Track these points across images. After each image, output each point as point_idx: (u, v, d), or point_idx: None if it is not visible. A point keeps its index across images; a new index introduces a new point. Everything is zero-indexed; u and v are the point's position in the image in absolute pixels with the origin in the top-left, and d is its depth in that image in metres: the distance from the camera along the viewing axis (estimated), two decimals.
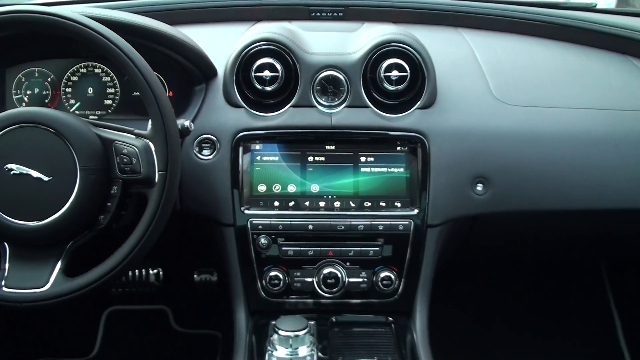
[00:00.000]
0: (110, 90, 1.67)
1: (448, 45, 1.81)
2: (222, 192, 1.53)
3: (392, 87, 1.53)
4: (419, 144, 1.54)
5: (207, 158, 1.53)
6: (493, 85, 1.65)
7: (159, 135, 1.28)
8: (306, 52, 1.55)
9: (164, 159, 1.28)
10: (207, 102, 1.58)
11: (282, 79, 1.53)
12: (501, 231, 1.76)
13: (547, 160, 1.57)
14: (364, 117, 1.54)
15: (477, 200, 1.55)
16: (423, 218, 1.53)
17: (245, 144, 1.54)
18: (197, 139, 1.53)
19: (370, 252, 1.53)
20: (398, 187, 1.54)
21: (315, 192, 1.54)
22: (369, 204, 1.54)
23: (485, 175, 1.55)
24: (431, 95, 1.56)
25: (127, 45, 1.27)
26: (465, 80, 1.66)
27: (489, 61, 1.73)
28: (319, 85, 1.54)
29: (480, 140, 1.56)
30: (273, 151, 1.55)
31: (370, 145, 1.55)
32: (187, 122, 1.41)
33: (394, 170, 1.55)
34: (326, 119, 1.54)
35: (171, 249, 2.09)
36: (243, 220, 1.52)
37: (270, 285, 1.54)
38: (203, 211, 1.55)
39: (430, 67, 1.54)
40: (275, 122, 1.54)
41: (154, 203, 1.27)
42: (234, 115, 1.55)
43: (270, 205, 1.54)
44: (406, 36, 1.56)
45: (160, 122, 1.27)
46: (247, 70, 1.54)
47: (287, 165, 1.54)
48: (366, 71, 1.54)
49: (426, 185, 1.53)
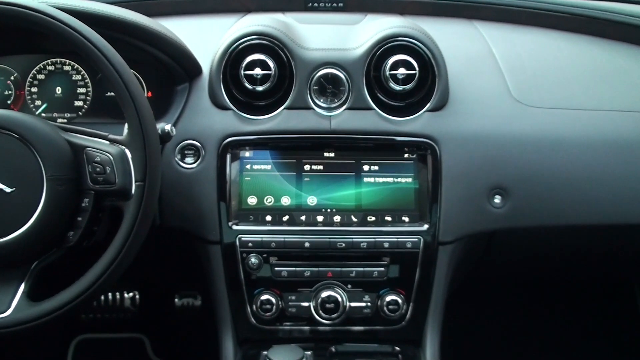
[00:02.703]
0: (81, 91, 1.67)
1: (461, 40, 1.81)
2: (207, 205, 1.53)
3: (398, 86, 1.53)
4: (428, 150, 1.54)
5: (191, 167, 1.53)
6: (512, 85, 1.65)
7: (136, 141, 1.28)
8: (302, 48, 1.56)
9: (141, 168, 1.28)
10: (190, 103, 1.58)
11: (275, 77, 1.53)
12: (522, 248, 1.76)
13: (573, 169, 1.58)
14: (367, 121, 1.54)
15: (494, 214, 1.56)
16: (434, 234, 1.53)
17: (233, 151, 1.54)
18: (179, 145, 1.54)
19: (375, 272, 1.53)
20: (405, 200, 1.55)
21: (313, 205, 1.54)
22: (372, 218, 1.54)
23: (503, 186, 1.55)
24: (442, 96, 1.56)
25: (101, 40, 1.26)
26: (481, 79, 1.66)
27: (508, 57, 1.73)
28: (316, 84, 1.54)
29: (497, 146, 1.56)
30: (265, 159, 1.55)
31: (374, 152, 1.56)
32: (167, 126, 1.41)
33: (401, 181, 1.55)
34: (325, 122, 1.54)
35: (149, 270, 2.09)
36: (231, 236, 1.52)
37: (262, 311, 1.54)
38: (185, 227, 1.55)
39: (441, 65, 1.55)
40: (267, 126, 1.54)
41: (131, 217, 1.27)
42: (221, 118, 1.55)
43: (261, 219, 1.54)
44: (414, 29, 1.56)
45: (138, 126, 1.27)
46: (235, 67, 1.54)
47: (280, 175, 1.54)
48: (369, 69, 1.55)
49: (437, 197, 1.53)
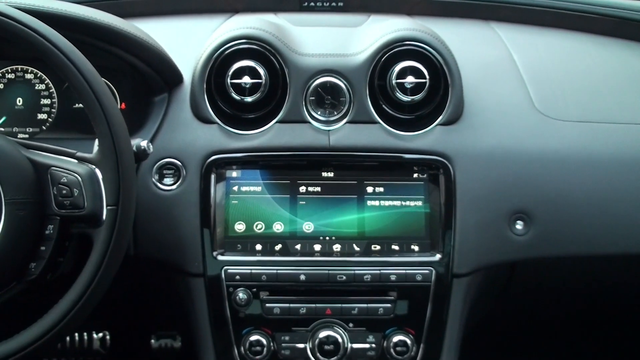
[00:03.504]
0: (45, 102, 1.68)
1: (477, 44, 1.82)
2: (188, 233, 1.52)
3: (406, 97, 1.54)
4: (441, 169, 1.54)
5: (170, 188, 1.53)
6: (535, 95, 1.66)
7: (107, 160, 1.29)
8: (297, 53, 1.56)
9: (114, 190, 1.28)
10: (169, 116, 1.58)
11: (265, 87, 1.54)
12: (548, 281, 1.76)
13: (605, 190, 1.58)
14: (371, 136, 1.55)
15: (516, 242, 1.56)
16: (447, 265, 1.53)
17: (218, 171, 1.54)
18: (156, 164, 1.54)
19: (380, 309, 1.53)
20: (415, 226, 1.54)
21: (309, 233, 1.54)
22: (377, 247, 1.54)
23: (526, 211, 1.55)
24: (456, 107, 1.57)
25: (67, 44, 1.27)
26: (500, 88, 1.67)
27: (530, 64, 1.74)
28: (313, 95, 1.54)
29: (519, 165, 1.56)
30: (254, 179, 1.55)
31: (379, 171, 1.56)
32: (144, 142, 1.41)
33: (410, 204, 1.55)
34: (322, 138, 1.54)
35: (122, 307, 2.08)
36: (215, 268, 1.52)
37: (251, 353, 1.53)
38: (164, 257, 1.54)
39: (454, 72, 1.55)
40: (257, 143, 1.54)
41: (101, 247, 1.27)
42: (204, 133, 1.55)
43: (250, 249, 1.53)
44: (424, 32, 1.57)
45: (110, 142, 1.28)
46: (221, 76, 1.54)
47: (272, 198, 1.54)
48: (373, 77, 1.55)
49: (451, 223, 1.53)
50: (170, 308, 1.79)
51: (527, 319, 2.21)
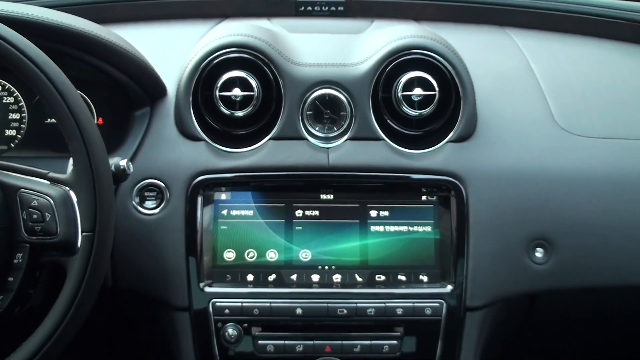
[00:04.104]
0: (14, 117, 1.67)
1: (492, 52, 1.83)
2: (172, 261, 1.52)
3: (414, 111, 1.54)
4: (452, 191, 1.54)
5: (152, 212, 1.53)
6: (556, 109, 1.66)
7: (83, 181, 1.28)
8: (292, 63, 1.56)
9: (90, 215, 1.28)
10: (151, 133, 1.59)
11: (258, 100, 1.54)
12: (571, 313, 1.75)
13: (633, 214, 1.58)
14: (375, 154, 1.55)
15: (535, 271, 1.55)
16: (460, 298, 1.53)
17: (206, 193, 1.54)
18: (137, 185, 1.54)
19: (385, 347, 1.52)
20: (424, 254, 1.54)
21: (306, 261, 1.54)
22: (382, 277, 1.54)
23: (546, 237, 1.55)
24: (469, 122, 1.57)
25: (39, 53, 1.28)
26: (517, 101, 1.67)
27: (550, 74, 1.74)
28: (310, 108, 1.55)
29: (538, 186, 1.56)
30: (246, 202, 1.55)
31: (384, 193, 1.56)
32: (123, 161, 1.41)
33: (418, 230, 1.55)
34: (321, 156, 1.54)
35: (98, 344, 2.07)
36: (202, 301, 1.51)
37: None
38: (145, 289, 1.54)
39: (467, 84, 1.55)
40: (249, 162, 1.54)
41: (76, 277, 1.27)
42: (191, 151, 1.55)
43: (241, 279, 1.53)
44: (434, 40, 1.57)
45: (86, 161, 1.27)
46: (209, 88, 1.54)
47: (265, 223, 1.54)
48: (377, 89, 1.56)
49: (464, 250, 1.53)
50: (153, 345, 1.78)
51: (547, 352, 2.20)
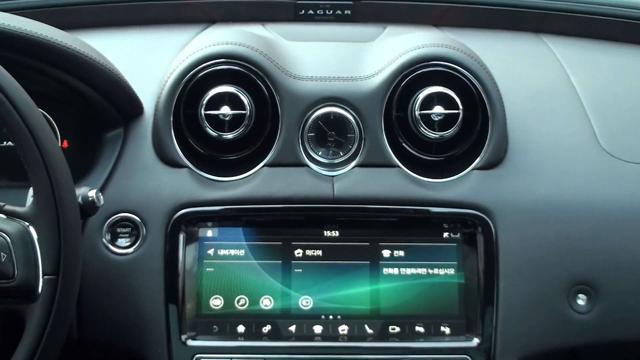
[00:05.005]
0: None
1: (525, 64, 1.83)
2: (149, 310, 1.51)
3: (434, 133, 1.54)
4: (479, 227, 1.54)
5: (126, 252, 1.52)
6: (600, 130, 1.66)
7: (45, 215, 1.28)
8: (291, 76, 1.56)
9: (53, 255, 1.28)
10: (125, 158, 1.58)
11: (251, 120, 1.54)
12: None
13: None
14: (388, 184, 1.54)
15: (577, 322, 1.54)
16: (488, 353, 1.52)
17: (189, 229, 1.54)
18: (108, 220, 1.53)
19: None
20: (446, 302, 1.54)
21: (307, 310, 1.53)
22: (397, 329, 1.53)
23: (591, 281, 1.54)
24: (498, 146, 1.56)
25: None
26: (554, 121, 1.67)
27: (593, 90, 1.74)
28: (312, 130, 1.55)
29: (581, 221, 1.56)
30: (236, 240, 1.54)
31: (399, 230, 1.55)
32: (92, 192, 1.40)
33: (439, 273, 1.54)
34: (325, 186, 1.54)
35: None
36: (185, 357, 1.51)
37: None
38: (117, 342, 1.53)
39: (496, 101, 1.55)
40: (240, 192, 1.54)
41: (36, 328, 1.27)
42: (171, 180, 1.55)
43: (230, 331, 1.52)
44: (456, 49, 1.57)
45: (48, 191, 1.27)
46: (193, 105, 1.54)
47: (259, 264, 1.54)
48: (390, 107, 1.56)
49: (493, 297, 1.52)
50: None
51: None
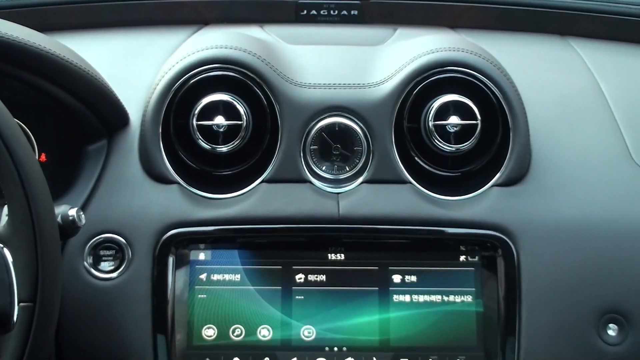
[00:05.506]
0: None
1: (551, 70, 1.83)
2: (135, 340, 1.51)
3: (449, 146, 1.54)
4: (499, 250, 1.53)
5: (109, 276, 1.52)
6: (633, 143, 1.66)
7: (21, 236, 1.28)
8: (292, 83, 1.56)
9: (29, 280, 1.27)
10: (109, 173, 1.58)
11: (247, 131, 1.54)
12: None
13: None
14: (399, 202, 1.54)
15: (608, 354, 1.53)
16: None
17: (179, 251, 1.53)
18: (90, 241, 1.53)
19: None
20: (463, 331, 1.53)
21: (309, 341, 1.52)
22: None
23: (622, 310, 1.53)
24: (520, 161, 1.56)
25: None
26: (582, 133, 1.67)
27: (624, 98, 1.74)
28: (316, 142, 1.55)
29: (612, 243, 1.55)
30: (231, 264, 1.54)
31: (411, 253, 1.55)
32: (72, 210, 1.40)
33: (455, 300, 1.54)
34: (329, 204, 1.54)
35: None
36: None
37: None
38: None
39: (518, 111, 1.55)
40: (236, 211, 1.54)
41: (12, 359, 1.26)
42: (159, 197, 1.55)
43: None
44: (474, 53, 1.57)
45: (25, 210, 1.27)
46: (184, 115, 1.54)
47: (256, 291, 1.53)
48: (402, 117, 1.56)
49: (514, 327, 1.52)
50: None
51: None
